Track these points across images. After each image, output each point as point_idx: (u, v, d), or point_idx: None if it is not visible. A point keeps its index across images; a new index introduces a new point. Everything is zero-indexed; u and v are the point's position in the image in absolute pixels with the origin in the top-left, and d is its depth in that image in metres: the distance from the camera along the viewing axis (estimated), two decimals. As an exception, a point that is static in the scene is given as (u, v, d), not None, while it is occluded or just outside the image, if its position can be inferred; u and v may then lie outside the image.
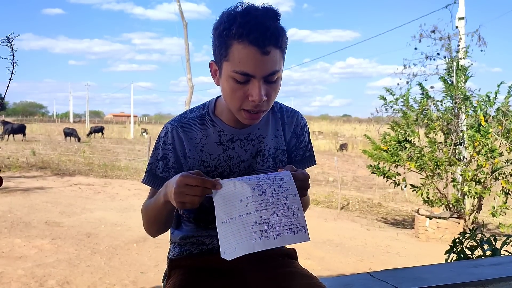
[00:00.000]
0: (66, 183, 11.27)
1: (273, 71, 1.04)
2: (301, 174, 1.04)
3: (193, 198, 0.96)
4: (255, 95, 1.03)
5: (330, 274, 5.03)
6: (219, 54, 1.06)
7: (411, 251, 6.56)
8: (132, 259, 5.31)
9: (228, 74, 1.05)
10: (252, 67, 1.01)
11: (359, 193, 12.35)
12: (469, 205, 7.41)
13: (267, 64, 1.02)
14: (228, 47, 1.02)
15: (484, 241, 2.39)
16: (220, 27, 1.03)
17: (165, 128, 1.21)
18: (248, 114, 1.08)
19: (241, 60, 1.01)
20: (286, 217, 0.94)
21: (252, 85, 1.04)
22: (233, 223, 0.93)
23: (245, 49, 1.00)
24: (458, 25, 8.51)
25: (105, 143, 24.94)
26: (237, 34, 1.00)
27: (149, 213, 1.16)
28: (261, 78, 1.03)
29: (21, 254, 5.29)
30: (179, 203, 0.97)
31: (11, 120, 31.08)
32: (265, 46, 1.00)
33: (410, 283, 1.60)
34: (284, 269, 1.22)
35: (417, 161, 7.24)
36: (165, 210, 1.09)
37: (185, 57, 16.49)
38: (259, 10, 1.02)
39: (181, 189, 0.96)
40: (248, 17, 1.00)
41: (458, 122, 7.52)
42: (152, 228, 1.20)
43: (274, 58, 1.03)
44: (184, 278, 1.16)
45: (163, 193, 1.05)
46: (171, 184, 1.00)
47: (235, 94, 1.06)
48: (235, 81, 1.04)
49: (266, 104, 1.08)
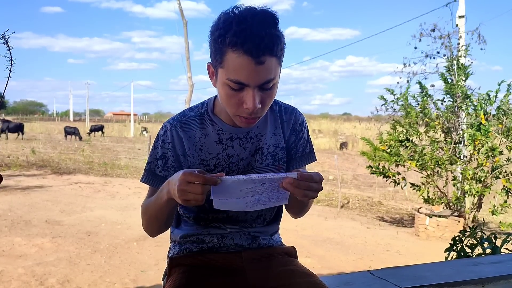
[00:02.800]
0: (66, 181, 11.27)
1: (268, 80, 1.03)
2: (316, 175, 1.01)
3: (196, 196, 0.96)
4: (249, 104, 1.03)
5: (330, 272, 5.03)
6: (215, 59, 1.05)
7: (411, 249, 6.56)
8: (132, 258, 5.32)
9: (223, 81, 1.04)
10: (246, 76, 1.01)
11: (359, 192, 12.36)
12: (469, 203, 7.41)
13: (262, 74, 1.01)
14: (223, 54, 1.01)
15: (484, 239, 2.39)
16: (216, 33, 1.02)
17: (164, 127, 1.21)
18: (244, 119, 1.09)
19: (235, 69, 1.00)
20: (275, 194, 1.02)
21: (246, 93, 1.03)
22: (229, 201, 1.00)
23: (239, 58, 0.99)
24: (458, 24, 8.49)
25: (105, 142, 24.94)
26: (231, 42, 0.99)
27: (150, 212, 1.15)
28: (255, 87, 1.03)
29: (22, 252, 5.29)
30: (184, 201, 0.97)
31: (11, 119, 31.09)
32: (260, 56, 0.99)
33: (410, 281, 1.60)
34: (284, 267, 1.22)
35: (418, 160, 7.24)
36: (167, 207, 1.09)
37: (185, 56, 16.49)
38: (256, 17, 1.00)
39: (184, 186, 0.95)
40: (244, 25, 0.98)
41: (459, 120, 7.52)
42: (152, 227, 1.20)
43: (269, 66, 1.01)
44: (184, 277, 1.16)
45: (166, 190, 1.04)
46: (173, 181, 0.99)
47: (230, 101, 1.06)
48: (229, 88, 1.04)
49: (261, 111, 1.08)
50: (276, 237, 1.34)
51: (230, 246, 1.23)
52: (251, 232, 1.26)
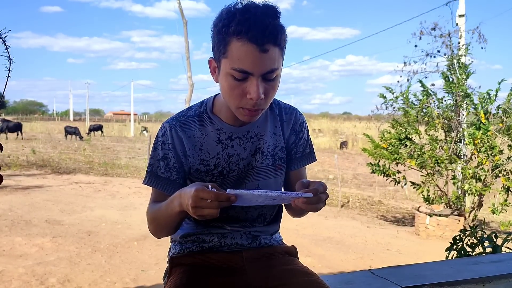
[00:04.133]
0: (67, 181, 11.28)
1: (272, 69, 1.04)
2: (321, 186, 1.03)
3: (211, 211, 0.96)
4: (253, 93, 1.03)
5: (330, 271, 5.04)
6: (218, 51, 1.06)
7: (411, 248, 6.56)
8: (132, 257, 5.32)
9: (226, 71, 1.05)
10: (250, 64, 1.01)
11: (360, 191, 12.35)
12: (469, 202, 7.41)
13: (266, 62, 1.02)
14: (227, 44, 1.02)
15: (484, 238, 2.39)
16: (219, 24, 1.03)
17: (163, 128, 1.20)
18: (247, 111, 1.08)
19: (240, 57, 1.01)
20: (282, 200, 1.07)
21: (250, 82, 1.04)
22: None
23: (244, 47, 1.00)
24: (459, 23, 8.49)
25: (105, 141, 24.94)
26: (236, 31, 1.00)
27: (160, 220, 1.16)
28: (259, 76, 1.03)
29: (22, 252, 5.30)
30: (199, 217, 0.98)
31: (11, 119, 31.08)
32: (264, 44, 1.00)
33: (410, 280, 1.60)
34: (285, 266, 1.22)
35: (418, 158, 7.24)
36: (178, 218, 1.10)
37: (185, 55, 16.49)
38: (259, 8, 1.02)
39: (197, 203, 0.96)
40: (248, 14, 1.00)
41: (459, 119, 7.51)
42: (161, 233, 1.20)
43: (272, 56, 1.02)
44: (185, 276, 1.16)
45: (178, 203, 1.04)
46: (186, 196, 0.99)
47: (233, 92, 1.06)
48: (233, 78, 1.04)
49: (264, 103, 1.08)
50: (277, 236, 1.33)
51: (230, 246, 1.23)
52: (252, 232, 1.25)
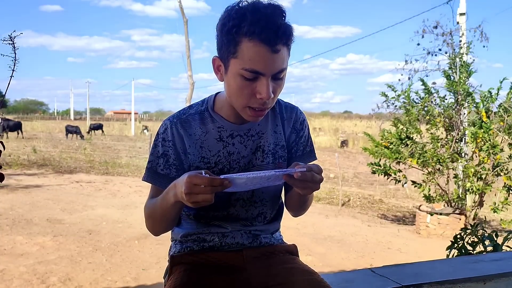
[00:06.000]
0: (67, 180, 11.29)
1: (282, 69, 1.05)
2: (315, 167, 1.03)
3: (205, 196, 0.96)
4: (264, 93, 1.04)
5: (331, 270, 5.04)
6: (227, 51, 1.05)
7: (412, 247, 6.57)
8: (133, 256, 5.33)
9: (236, 71, 1.05)
10: (262, 65, 1.02)
11: (360, 190, 12.35)
12: (470, 201, 7.40)
13: (277, 62, 1.03)
14: (237, 44, 1.02)
15: (485, 237, 2.39)
16: (229, 24, 1.02)
17: (163, 125, 1.20)
18: (253, 111, 1.09)
19: (251, 58, 1.01)
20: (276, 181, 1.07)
21: (260, 82, 1.04)
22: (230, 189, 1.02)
23: (256, 47, 1.00)
24: (459, 21, 8.47)
25: (106, 140, 24.96)
26: (248, 31, 1.00)
27: (156, 213, 1.16)
28: (269, 76, 1.04)
29: (23, 251, 5.31)
30: (193, 203, 0.98)
31: (12, 118, 31.11)
32: (276, 45, 1.01)
33: (411, 279, 1.60)
34: (285, 265, 1.22)
35: (419, 157, 7.23)
36: (174, 210, 1.10)
37: (186, 54, 16.47)
38: (268, 8, 1.01)
39: (191, 189, 0.96)
40: (259, 14, 1.00)
41: (460, 118, 7.50)
42: (158, 228, 1.20)
43: (282, 56, 1.04)
44: (186, 275, 1.16)
45: (173, 193, 1.05)
46: (180, 184, 1.00)
47: (243, 92, 1.06)
48: (243, 78, 1.04)
49: (272, 101, 1.09)
50: (277, 235, 1.33)
51: (231, 245, 1.23)
52: (252, 231, 1.25)
